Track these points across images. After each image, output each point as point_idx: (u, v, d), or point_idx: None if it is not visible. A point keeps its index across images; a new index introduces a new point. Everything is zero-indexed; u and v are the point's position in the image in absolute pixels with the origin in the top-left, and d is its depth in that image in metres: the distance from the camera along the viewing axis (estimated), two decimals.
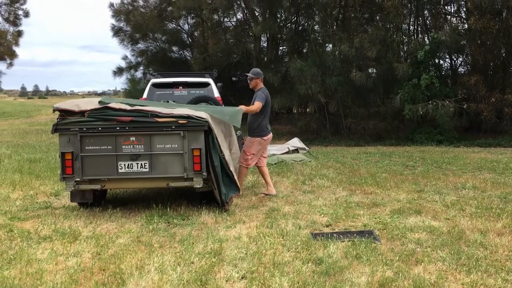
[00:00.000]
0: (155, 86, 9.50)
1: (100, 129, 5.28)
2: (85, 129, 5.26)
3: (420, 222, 4.98)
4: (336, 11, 17.29)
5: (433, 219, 5.11)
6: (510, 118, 14.29)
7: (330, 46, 17.34)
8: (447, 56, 16.56)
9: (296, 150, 11.20)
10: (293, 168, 8.92)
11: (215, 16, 19.81)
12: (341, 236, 4.50)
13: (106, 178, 5.38)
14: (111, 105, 5.44)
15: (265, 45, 20.55)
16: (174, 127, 5.31)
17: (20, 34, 28.02)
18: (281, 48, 21.32)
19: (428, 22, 16.99)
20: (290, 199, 6.21)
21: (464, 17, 16.26)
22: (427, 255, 3.96)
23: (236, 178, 5.69)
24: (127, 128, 5.30)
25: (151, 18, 21.64)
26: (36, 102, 63.32)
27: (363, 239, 4.34)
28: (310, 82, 15.30)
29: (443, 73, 16.09)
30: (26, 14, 27.52)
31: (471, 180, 7.43)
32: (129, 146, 5.32)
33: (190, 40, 23.79)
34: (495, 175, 7.99)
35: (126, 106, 5.51)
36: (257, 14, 19.44)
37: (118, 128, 5.29)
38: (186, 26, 23.59)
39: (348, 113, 16.07)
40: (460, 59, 17.15)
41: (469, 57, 16.35)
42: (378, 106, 15.79)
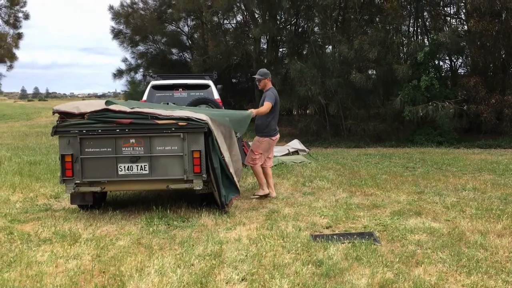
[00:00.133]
0: (155, 88, 9.51)
1: (100, 131, 5.28)
2: (85, 131, 5.26)
3: (420, 223, 4.98)
4: (335, 13, 17.31)
5: (433, 221, 5.10)
6: (510, 119, 14.28)
7: (330, 47, 17.35)
8: (447, 57, 16.57)
9: (296, 152, 11.20)
10: (293, 170, 8.92)
11: (215, 18, 19.83)
12: (341, 237, 4.50)
13: (106, 180, 5.38)
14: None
15: (265, 47, 20.57)
16: (174, 129, 5.31)
17: (20, 36, 28.04)
18: (281, 50, 21.34)
19: (427, 23, 17.00)
20: (290, 201, 6.21)
21: (463, 18, 16.27)
22: (428, 257, 3.96)
23: (236, 180, 5.69)
24: (127, 130, 5.30)
25: (151, 20, 21.67)
26: (36, 104, 63.37)
27: (363, 241, 4.34)
28: (310, 83, 15.31)
29: (443, 74, 16.08)
30: (26, 17, 27.55)
31: (471, 181, 7.43)
32: (129, 148, 5.32)
33: (190, 42, 23.82)
34: (495, 177, 7.99)
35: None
36: (256, 16, 19.47)
37: (118, 130, 5.29)
38: (186, 28, 23.63)
39: (348, 114, 16.07)
40: (460, 61, 17.16)
41: (468, 58, 16.36)
42: (378, 107, 15.78)
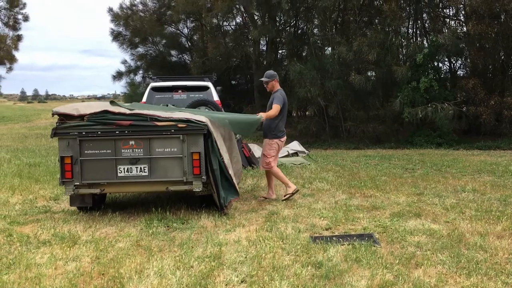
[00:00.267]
0: (155, 90, 9.52)
1: (99, 133, 5.28)
2: (84, 133, 5.26)
3: (420, 225, 4.98)
4: (335, 15, 17.33)
5: (432, 222, 5.10)
6: (509, 121, 14.28)
7: (329, 49, 17.36)
8: (446, 59, 16.58)
9: (295, 154, 11.19)
10: (292, 171, 8.92)
11: (214, 20, 19.83)
12: (340, 239, 4.49)
13: (105, 182, 5.38)
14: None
15: (264, 48, 20.58)
16: (173, 131, 5.31)
17: (19, 38, 28.07)
18: (280, 51, 21.34)
19: (427, 25, 17.02)
20: (289, 203, 6.21)
21: (463, 20, 16.29)
22: (427, 258, 3.95)
23: (235, 182, 5.68)
24: (127, 132, 5.30)
25: (150, 22, 21.68)
26: (35, 106, 63.39)
27: (363, 242, 4.33)
28: (310, 85, 15.31)
29: (442, 76, 16.09)
30: (26, 19, 27.58)
31: (471, 183, 7.43)
32: (128, 150, 5.32)
33: (189, 44, 23.83)
34: (495, 178, 7.99)
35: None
36: (256, 18, 19.48)
37: (117, 132, 5.29)
38: (185, 30, 23.64)
39: (347, 116, 16.07)
40: (459, 62, 17.18)
41: (468, 60, 16.37)
42: (378, 109, 15.79)
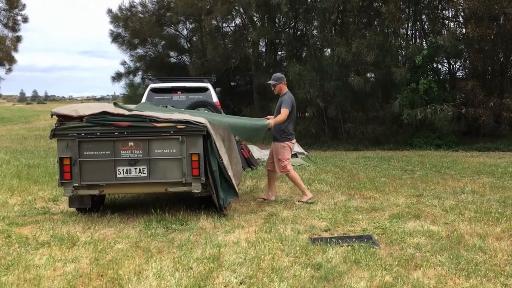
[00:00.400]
0: (154, 91, 9.52)
1: (98, 134, 5.27)
2: (83, 134, 5.26)
3: (419, 226, 4.98)
4: (334, 16, 17.35)
5: (432, 224, 5.10)
6: (508, 122, 14.30)
7: (329, 50, 17.38)
8: (445, 60, 16.60)
9: (295, 155, 11.19)
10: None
11: (214, 21, 19.83)
12: (340, 240, 4.49)
13: (104, 183, 5.37)
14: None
15: (263, 50, 20.59)
16: (172, 132, 5.31)
17: (19, 39, 28.07)
18: (279, 53, 21.35)
19: (426, 27, 17.04)
20: (288, 204, 6.20)
21: (462, 22, 16.31)
22: (426, 260, 3.95)
23: (234, 183, 5.68)
24: (126, 133, 5.29)
25: (150, 23, 21.67)
26: (34, 107, 63.33)
27: (362, 244, 4.33)
28: (309, 86, 15.32)
29: (442, 77, 16.11)
30: (25, 20, 27.59)
31: (470, 184, 7.43)
32: (127, 151, 5.32)
33: (189, 45, 23.82)
34: (494, 179, 8.00)
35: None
36: (255, 19, 19.49)
37: (116, 133, 5.29)
38: (184, 32, 23.64)
39: (346, 117, 16.09)
40: (458, 64, 17.19)
41: (467, 61, 16.39)
42: (377, 110, 15.80)
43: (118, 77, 24.14)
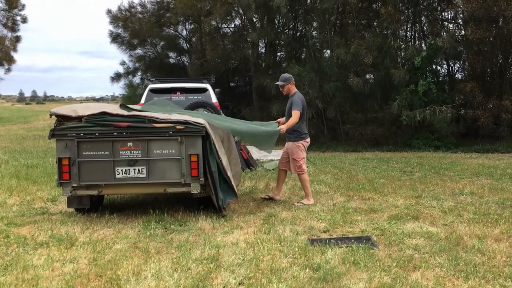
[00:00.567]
0: (153, 91, 9.52)
1: (97, 134, 5.27)
2: (82, 134, 5.25)
3: (417, 228, 4.98)
4: (334, 17, 17.36)
5: (430, 225, 5.11)
6: (507, 124, 14.31)
7: (328, 52, 17.38)
8: (444, 62, 16.62)
9: None
10: (290, 173, 8.88)
11: (213, 22, 19.83)
12: (338, 242, 4.49)
13: (103, 183, 5.37)
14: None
15: (263, 51, 20.59)
16: (171, 133, 5.31)
17: (18, 39, 28.05)
18: (279, 54, 21.34)
19: (425, 28, 17.06)
20: (287, 205, 6.20)
21: (461, 23, 16.33)
22: (425, 261, 3.95)
23: (233, 183, 5.67)
24: (125, 133, 5.29)
25: (149, 24, 21.67)
26: (33, 107, 63.29)
27: (361, 245, 4.33)
28: (308, 87, 15.31)
29: (441, 79, 16.12)
30: (24, 20, 27.56)
31: (469, 186, 7.43)
32: (126, 152, 5.32)
33: (188, 46, 23.81)
34: (493, 181, 8.00)
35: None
36: (255, 20, 19.49)
37: (115, 133, 5.29)
38: (184, 32, 23.63)
39: (346, 118, 16.09)
40: (457, 65, 17.21)
41: (466, 63, 16.41)
42: (376, 112, 15.80)
43: (117, 77, 24.12)
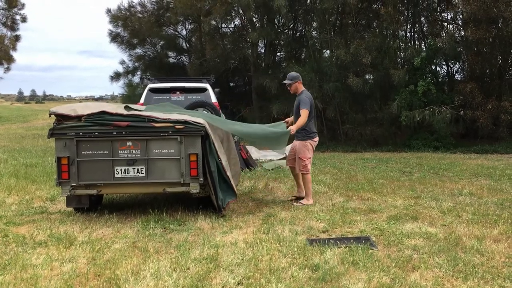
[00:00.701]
0: (152, 91, 9.51)
1: (96, 134, 5.27)
2: (81, 133, 5.25)
3: (416, 228, 4.98)
4: (333, 17, 17.36)
5: (429, 225, 5.11)
6: (507, 125, 14.31)
7: (328, 52, 17.38)
8: (444, 63, 16.62)
9: None
10: (290, 173, 8.88)
11: (213, 22, 19.81)
12: (337, 242, 4.49)
13: (102, 183, 5.36)
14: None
15: (262, 50, 20.58)
16: (171, 132, 5.30)
17: (18, 38, 28.09)
18: (278, 54, 21.34)
19: (425, 29, 17.07)
20: (286, 205, 6.20)
21: (461, 24, 16.34)
22: (424, 262, 3.96)
23: (233, 183, 5.67)
24: (124, 133, 5.29)
25: (149, 23, 21.65)
26: (33, 106, 63.21)
27: (360, 245, 4.33)
28: (308, 87, 15.15)
29: (440, 79, 16.13)
30: (24, 19, 27.60)
31: (468, 186, 7.44)
32: (125, 151, 5.31)
33: (188, 45, 23.80)
34: (492, 182, 8.00)
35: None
36: (254, 20, 19.48)
37: (114, 133, 5.28)
38: (183, 32, 23.61)
39: (345, 119, 16.09)
40: (456, 66, 17.22)
41: (465, 64, 16.42)
42: (375, 112, 15.80)
43: (116, 76, 24.10)
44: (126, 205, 6.37)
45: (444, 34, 15.54)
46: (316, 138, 6.31)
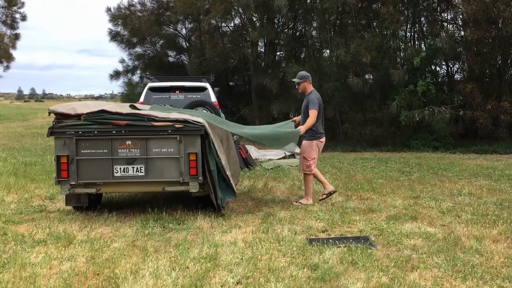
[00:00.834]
0: (152, 90, 9.50)
1: (96, 132, 5.26)
2: (80, 132, 5.24)
3: (416, 228, 4.98)
4: (333, 17, 17.35)
5: (429, 225, 5.11)
6: (506, 125, 14.32)
7: (328, 51, 17.38)
8: (444, 63, 16.63)
9: (292, 155, 11.19)
10: (289, 173, 8.92)
11: (213, 21, 19.80)
12: (337, 241, 4.49)
13: (101, 182, 5.36)
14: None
15: (262, 50, 20.57)
16: (170, 131, 5.30)
17: (17, 37, 28.08)
18: (278, 53, 21.34)
19: (424, 29, 17.07)
20: (286, 204, 6.20)
21: (460, 24, 16.34)
22: (423, 262, 3.95)
23: (232, 182, 5.67)
24: (123, 131, 5.28)
25: (148, 22, 21.63)
26: (32, 105, 63.18)
27: (359, 245, 4.33)
28: None
29: (440, 79, 16.14)
30: (24, 18, 27.59)
31: (467, 186, 7.44)
32: (125, 150, 5.31)
33: (187, 44, 23.78)
34: (491, 182, 8.01)
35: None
36: (254, 19, 19.48)
37: (114, 131, 5.28)
38: (183, 31, 23.59)
39: (345, 118, 16.09)
40: (456, 66, 17.22)
41: (465, 64, 16.42)
42: (375, 112, 15.80)
43: (116, 75, 24.07)
44: (125, 204, 6.37)
45: (444, 34, 15.54)
46: (322, 139, 6.29)
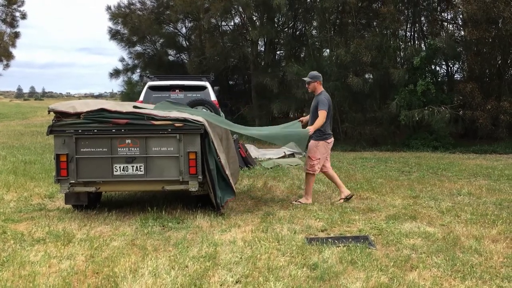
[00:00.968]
0: (152, 88, 9.51)
1: (95, 131, 5.26)
2: (80, 131, 5.24)
3: (415, 228, 4.98)
4: (333, 16, 17.35)
5: (428, 225, 5.11)
6: (506, 125, 14.32)
7: (328, 51, 17.37)
8: (443, 62, 16.63)
9: (292, 155, 11.20)
10: (289, 172, 8.91)
11: (213, 20, 19.80)
12: (336, 241, 4.49)
13: (101, 180, 5.36)
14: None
15: (262, 49, 20.58)
16: (170, 130, 5.30)
17: (17, 35, 28.04)
18: (278, 52, 21.35)
19: (424, 28, 17.08)
20: (285, 204, 6.20)
21: (460, 24, 16.34)
22: (422, 261, 3.96)
23: (232, 182, 5.67)
24: (123, 130, 5.28)
25: (148, 21, 21.63)
26: (32, 103, 63.17)
27: (358, 244, 4.33)
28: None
29: (439, 79, 16.14)
30: (23, 16, 27.54)
31: (467, 186, 7.44)
32: (124, 149, 5.31)
33: (187, 43, 23.78)
34: (491, 182, 8.01)
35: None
36: (254, 18, 19.47)
37: (113, 130, 5.28)
38: (183, 30, 23.58)
39: (344, 118, 16.09)
40: (456, 66, 17.23)
41: (465, 64, 16.42)
42: (375, 111, 15.80)
43: (116, 74, 24.06)
44: (124, 202, 6.37)
45: (444, 34, 15.53)
46: (330, 140, 6.27)
